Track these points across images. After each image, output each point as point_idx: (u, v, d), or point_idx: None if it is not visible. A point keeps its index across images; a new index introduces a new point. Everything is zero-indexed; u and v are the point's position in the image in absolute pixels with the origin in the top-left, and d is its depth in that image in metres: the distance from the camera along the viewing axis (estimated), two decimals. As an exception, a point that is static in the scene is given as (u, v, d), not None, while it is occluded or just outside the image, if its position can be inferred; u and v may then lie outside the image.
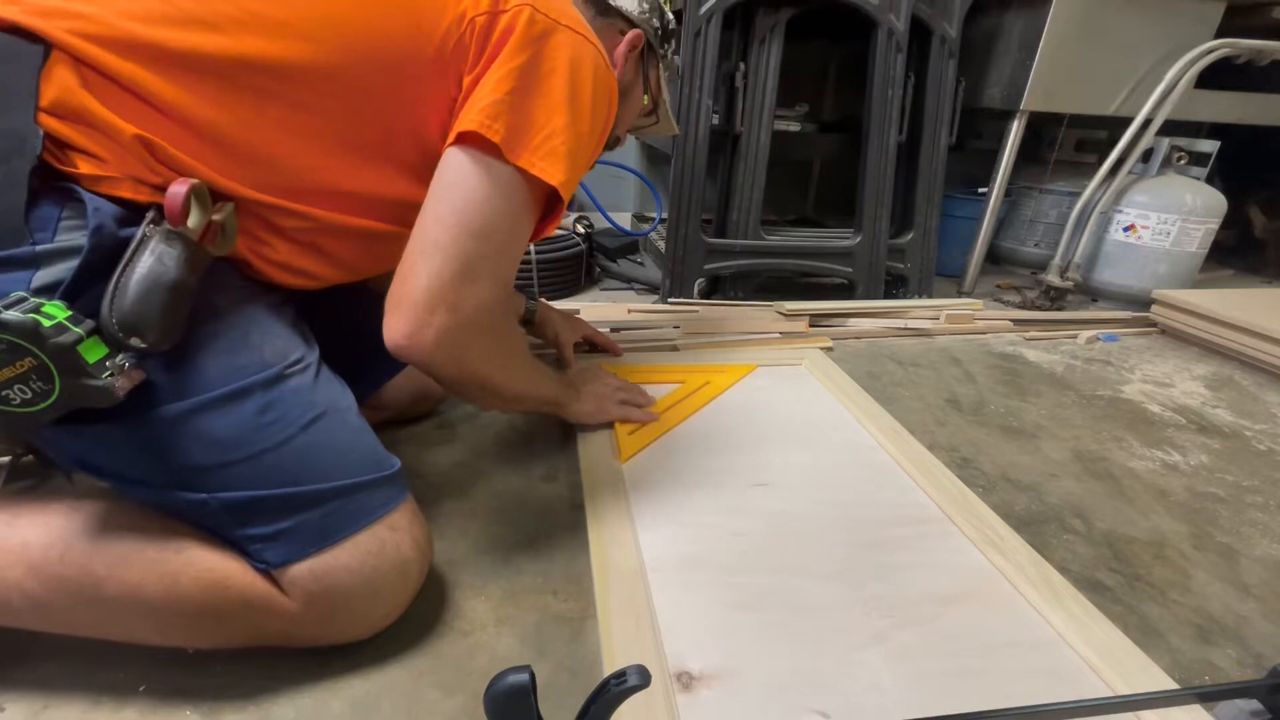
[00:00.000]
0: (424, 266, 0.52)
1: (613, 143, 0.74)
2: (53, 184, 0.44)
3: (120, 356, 0.42)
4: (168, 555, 0.47)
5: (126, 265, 0.43)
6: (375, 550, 0.51)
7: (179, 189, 0.45)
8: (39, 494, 0.52)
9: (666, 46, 0.78)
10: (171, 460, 0.47)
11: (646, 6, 0.72)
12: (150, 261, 0.43)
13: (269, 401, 0.49)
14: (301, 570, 0.48)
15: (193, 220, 0.46)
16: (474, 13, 0.53)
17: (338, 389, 0.55)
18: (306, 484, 0.49)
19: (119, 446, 0.47)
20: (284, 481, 0.48)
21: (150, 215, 0.45)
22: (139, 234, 0.44)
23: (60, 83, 0.44)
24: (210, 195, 0.49)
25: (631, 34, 0.71)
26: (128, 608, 0.47)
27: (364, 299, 0.82)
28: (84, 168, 0.45)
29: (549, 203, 0.59)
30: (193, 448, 0.47)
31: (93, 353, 0.41)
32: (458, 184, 0.53)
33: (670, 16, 0.78)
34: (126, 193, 0.46)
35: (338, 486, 0.50)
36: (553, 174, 0.54)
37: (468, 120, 0.52)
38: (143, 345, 0.43)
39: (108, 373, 0.41)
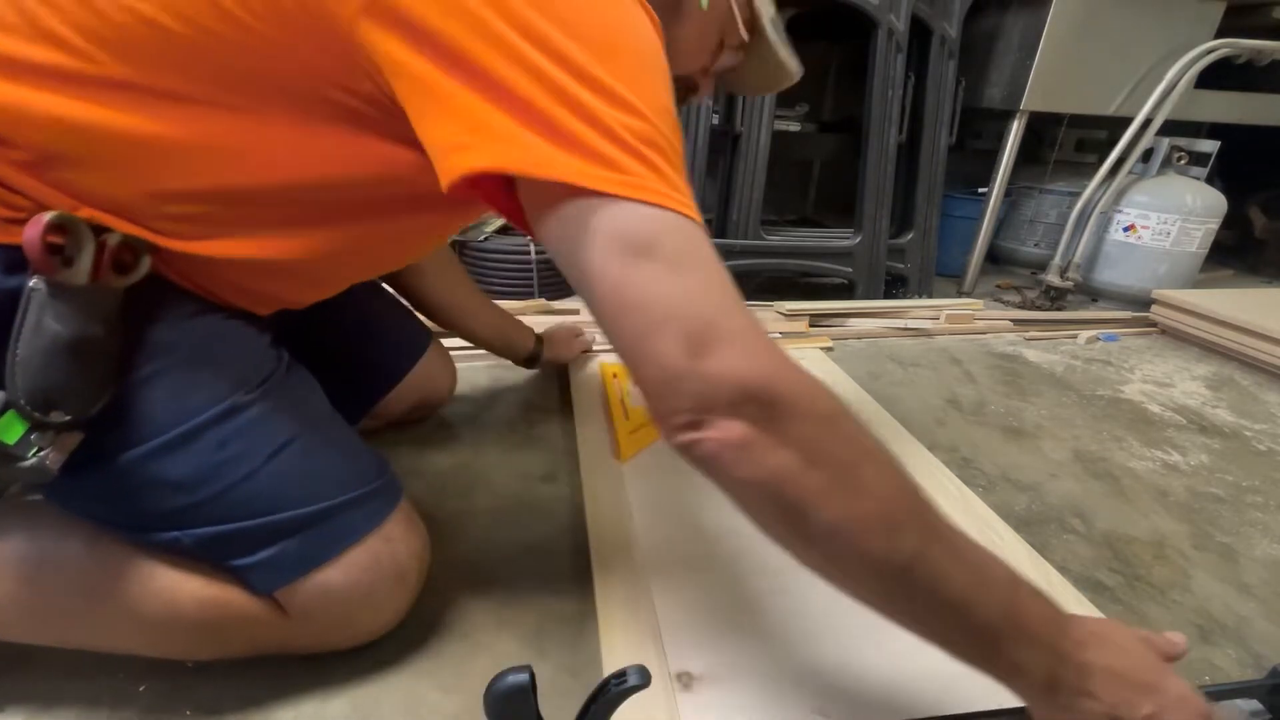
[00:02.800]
0: None
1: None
2: None
3: (43, 432, 0.38)
4: (163, 571, 0.46)
5: (19, 330, 0.37)
6: (369, 565, 0.49)
7: (32, 231, 0.36)
8: (29, 507, 0.49)
9: None
10: (134, 506, 0.45)
11: None
12: (42, 322, 0.37)
13: (226, 436, 0.45)
14: (294, 591, 0.47)
15: (80, 260, 0.38)
16: None
17: (310, 405, 0.52)
18: (280, 512, 0.46)
19: (81, 496, 0.45)
20: (255, 513, 0.46)
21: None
22: (26, 289, 0.38)
23: None
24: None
25: None
26: (124, 624, 0.46)
27: (375, 306, 0.78)
28: None
29: None
30: (153, 493, 0.44)
31: (11, 431, 0.36)
32: None
33: None
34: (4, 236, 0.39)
35: (315, 511, 0.47)
36: None
37: None
38: (66, 417, 0.38)
39: (34, 449, 0.37)
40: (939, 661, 0.52)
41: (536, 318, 1.26)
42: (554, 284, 1.43)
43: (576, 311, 1.28)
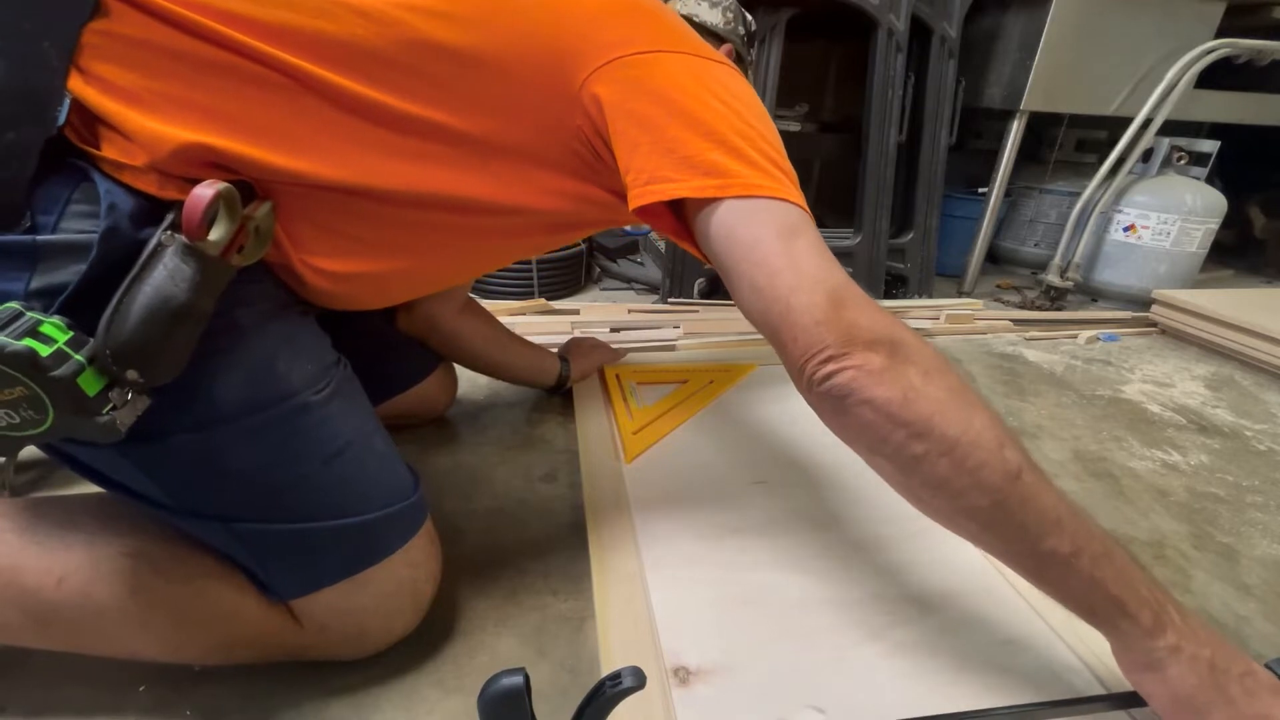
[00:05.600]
0: None
1: None
2: (65, 159, 0.38)
3: (119, 389, 0.37)
4: (175, 588, 0.45)
5: (133, 281, 0.37)
6: (392, 590, 0.50)
7: (204, 193, 0.38)
8: (26, 513, 0.47)
9: (751, 51, 0.73)
10: (184, 487, 0.44)
11: (730, 16, 0.69)
12: (159, 280, 0.37)
13: (290, 434, 0.45)
14: (316, 602, 0.47)
15: (216, 232, 0.39)
16: None
17: (363, 411, 0.52)
18: (325, 519, 0.46)
19: (127, 468, 0.44)
20: (302, 516, 0.46)
21: (170, 218, 0.39)
22: (153, 242, 0.38)
23: (106, 47, 0.39)
24: (250, 191, 0.43)
25: (723, 49, 0.69)
26: (133, 634, 0.46)
27: (389, 330, 0.79)
28: (108, 150, 0.39)
29: None
30: (207, 479, 0.44)
31: (93, 384, 0.35)
32: None
33: (750, 18, 0.73)
34: (151, 188, 0.40)
35: (357, 523, 0.47)
36: None
37: None
38: (139, 379, 0.37)
39: (110, 405, 0.36)
40: (937, 660, 0.53)
41: (537, 318, 1.26)
42: (554, 284, 1.43)
43: (576, 311, 1.28)
